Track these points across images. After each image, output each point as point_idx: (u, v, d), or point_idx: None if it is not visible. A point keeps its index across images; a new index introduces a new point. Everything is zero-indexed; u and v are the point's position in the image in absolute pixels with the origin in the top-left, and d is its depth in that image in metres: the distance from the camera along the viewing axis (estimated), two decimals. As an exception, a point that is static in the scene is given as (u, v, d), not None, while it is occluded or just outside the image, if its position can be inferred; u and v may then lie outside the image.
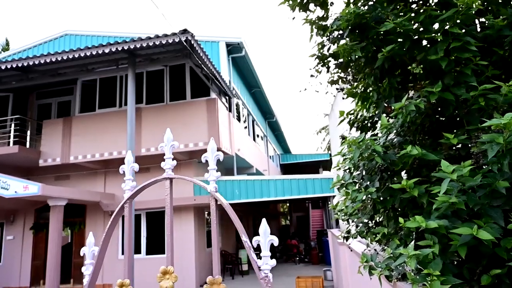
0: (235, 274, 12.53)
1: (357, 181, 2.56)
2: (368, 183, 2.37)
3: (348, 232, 3.65)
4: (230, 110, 12.46)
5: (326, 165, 25.93)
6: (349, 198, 2.55)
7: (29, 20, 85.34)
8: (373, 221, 3.20)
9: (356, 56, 2.43)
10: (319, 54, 2.97)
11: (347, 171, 2.72)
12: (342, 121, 3.23)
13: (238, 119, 13.81)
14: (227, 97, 12.46)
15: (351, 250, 4.02)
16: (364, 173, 2.50)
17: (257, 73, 15.57)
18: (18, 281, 12.19)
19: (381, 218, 2.74)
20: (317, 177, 11.36)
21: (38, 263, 12.31)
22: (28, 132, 11.93)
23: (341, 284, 7.97)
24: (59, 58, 8.89)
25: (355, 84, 3.35)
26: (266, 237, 1.28)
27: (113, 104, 11.94)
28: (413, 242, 1.82)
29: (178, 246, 11.20)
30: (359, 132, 3.31)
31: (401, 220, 2.05)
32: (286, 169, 26.65)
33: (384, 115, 2.37)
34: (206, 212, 12.73)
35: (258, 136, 18.11)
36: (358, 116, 3.13)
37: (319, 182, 11.12)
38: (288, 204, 27.64)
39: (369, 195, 2.27)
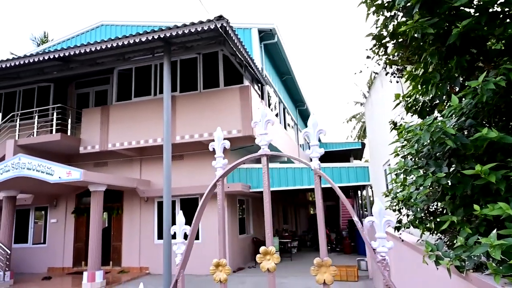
0: (267, 261, 12.61)
1: (421, 166, 2.42)
2: (435, 168, 2.23)
3: (399, 222, 3.51)
4: (262, 98, 12.38)
5: (357, 153, 25.42)
6: (413, 184, 2.42)
7: (65, 12, 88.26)
8: (429, 210, 3.05)
9: (421, 34, 2.27)
10: (377, 34, 2.82)
11: (409, 156, 2.58)
12: (397, 104, 3.07)
13: (270, 106, 13.70)
14: (259, 85, 12.37)
15: (402, 241, 3.87)
16: (430, 158, 2.36)
17: (289, 60, 15.35)
18: (61, 261, 12.88)
19: (443, 206, 2.60)
20: (351, 165, 11.14)
21: (80, 245, 12.92)
22: (69, 121, 12.40)
23: (378, 275, 7.83)
24: (98, 48, 9.10)
25: (410, 66, 3.17)
26: (381, 217, 1.19)
27: (148, 92, 12.16)
28: (495, 230, 1.69)
29: (212, 233, 11.39)
30: (415, 116, 3.14)
31: (476, 207, 1.92)
32: (320, 158, 26.35)
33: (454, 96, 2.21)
34: (239, 199, 12.83)
35: (289, 125, 17.96)
36: (416, 100, 2.96)
37: (354, 171, 10.90)
38: (317, 193, 27.43)
39: (438, 181, 2.14)
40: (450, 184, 2.20)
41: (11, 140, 11.64)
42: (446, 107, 2.72)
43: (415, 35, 2.22)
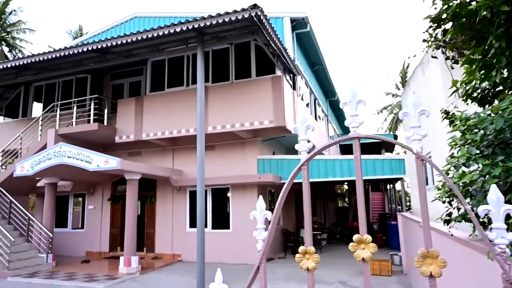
0: (296, 253, 12.59)
1: (487, 155, 2.27)
2: (503, 157, 2.08)
3: (449, 215, 3.35)
4: (294, 88, 12.22)
5: (388, 146, 24.72)
6: (479, 173, 2.27)
7: (98, 5, 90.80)
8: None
9: (490, 14, 2.11)
10: (435, 16, 2.65)
11: (472, 144, 2.43)
12: (454, 91, 2.90)
13: (301, 97, 13.52)
14: (291, 75, 12.21)
15: (452, 235, 3.69)
16: (495, 146, 2.21)
17: (320, 50, 15.04)
18: (99, 246, 13.43)
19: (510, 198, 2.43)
20: (386, 157, 10.84)
21: (115, 231, 13.42)
22: (105, 111, 12.78)
23: (414, 271, 7.61)
24: (134, 39, 9.27)
25: (466, 51, 2.97)
26: (499, 206, 1.09)
27: (181, 83, 12.30)
28: None
29: (242, 223, 11.47)
30: (472, 104, 2.95)
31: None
32: (346, 150, 25.88)
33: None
34: (269, 190, 12.83)
35: (319, 117, 17.69)
36: (475, 86, 2.78)
37: (388, 163, 10.59)
38: (346, 186, 27.00)
39: (508, 171, 2.00)
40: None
41: (52, 130, 12.15)
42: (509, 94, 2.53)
43: (485, 13, 2.05)
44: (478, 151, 2.32)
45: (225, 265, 11.04)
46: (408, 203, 19.11)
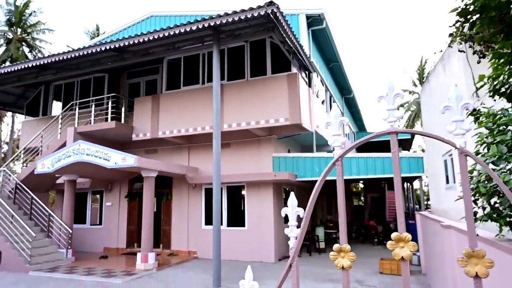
0: (312, 252, 12.52)
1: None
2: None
3: (474, 214, 3.25)
4: (309, 86, 12.12)
5: (405, 144, 24.33)
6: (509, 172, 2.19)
7: (114, 5, 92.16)
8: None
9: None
10: (463, 8, 2.57)
11: (501, 143, 2.35)
12: (482, 86, 2.80)
13: (316, 94, 13.41)
14: (306, 72, 12.11)
15: (477, 235, 3.58)
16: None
17: (336, 47, 14.88)
18: (116, 242, 13.66)
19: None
20: (404, 155, 10.65)
21: (132, 228, 13.62)
22: (122, 109, 12.96)
23: (434, 271, 7.46)
24: (151, 38, 9.35)
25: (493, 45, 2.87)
26: None
27: (196, 81, 12.36)
28: None
29: (257, 221, 11.48)
30: (499, 100, 2.85)
31: None
32: (361, 148, 25.58)
33: None
34: (284, 188, 12.78)
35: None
36: (504, 82, 2.68)
37: (406, 161, 10.40)
38: (362, 184, 26.71)
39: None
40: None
41: (71, 128, 12.41)
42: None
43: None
44: (508, 150, 2.24)
45: (240, 262, 11.07)
46: (426, 202, 18.75)
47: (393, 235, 1.20)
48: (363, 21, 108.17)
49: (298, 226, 1.33)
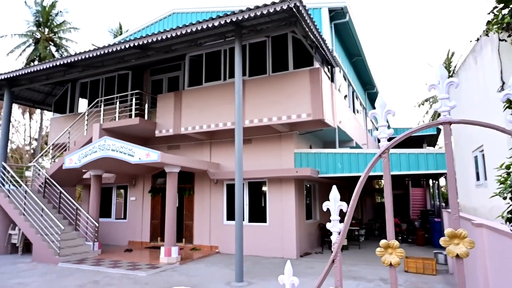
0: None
1: None
2: None
3: (511, 212, 3.10)
4: (332, 80, 11.94)
5: (430, 140, 23.66)
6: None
7: (137, 3, 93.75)
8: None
9: None
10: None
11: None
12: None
13: (339, 89, 13.19)
14: (329, 67, 11.93)
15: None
16: None
17: (359, 40, 14.58)
18: (140, 236, 13.96)
19: None
20: (430, 152, 10.33)
21: (155, 222, 13.87)
22: (146, 106, 13.17)
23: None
24: (173, 34, 9.42)
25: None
26: None
27: (218, 77, 12.40)
28: None
29: (279, 217, 11.45)
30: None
31: None
32: (384, 144, 25.10)
33: None
34: (306, 184, 12.68)
35: (357, 111, 17.21)
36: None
37: (433, 158, 10.09)
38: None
39: None
40: None
41: (97, 124, 12.72)
42: None
43: None
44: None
45: (261, 258, 11.09)
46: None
47: (448, 231, 1.14)
48: (387, 13, 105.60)
49: (341, 221, 1.29)
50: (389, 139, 1.33)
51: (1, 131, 13.54)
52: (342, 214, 1.32)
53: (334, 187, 1.34)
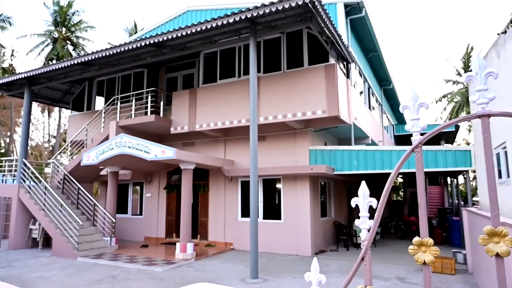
0: (349, 246, 12.28)
1: None
2: None
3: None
4: (347, 77, 11.79)
5: (448, 137, 23.15)
6: None
7: (151, 1, 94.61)
8: None
9: None
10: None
11: None
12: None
13: (354, 85, 13.02)
14: (344, 63, 11.78)
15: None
16: None
17: (376, 36, 14.34)
18: (156, 232, 14.14)
19: None
20: (450, 148, 10.10)
21: (171, 218, 14.02)
22: (161, 103, 13.30)
23: (483, 271, 7.04)
24: (188, 32, 9.45)
25: None
26: None
27: (232, 74, 12.40)
28: None
29: (294, 214, 11.41)
30: None
31: None
32: (400, 141, 24.67)
33: None
34: (321, 182, 12.59)
35: (373, 108, 16.96)
36: None
37: (452, 155, 9.87)
38: (401, 178, 25.79)
39: None
40: None
41: (114, 122, 12.92)
42: None
43: None
44: None
45: (275, 255, 11.08)
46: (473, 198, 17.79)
47: (487, 229, 1.09)
48: (403, 7, 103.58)
49: (371, 217, 1.26)
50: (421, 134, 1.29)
51: (22, 129, 13.90)
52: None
53: (363, 183, 1.30)
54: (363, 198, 1.26)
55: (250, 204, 8.55)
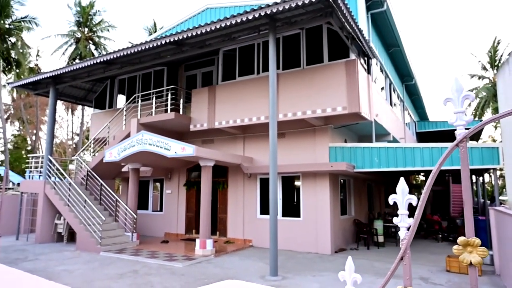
0: (370, 245, 12.08)
1: None
2: None
3: None
4: (368, 72, 11.56)
5: (473, 135, 22.43)
6: None
7: (169, 0, 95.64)
8: None
9: None
10: None
11: None
12: None
13: (375, 81, 12.76)
14: (365, 58, 11.55)
15: None
16: None
17: (397, 30, 14.00)
18: (176, 228, 14.32)
19: None
20: (476, 146, 9.76)
21: (190, 215, 14.17)
22: (181, 101, 13.42)
23: (510, 272, 6.79)
24: (208, 29, 9.47)
25: None
26: None
27: (251, 71, 12.37)
28: None
29: (313, 212, 11.31)
30: None
31: None
32: (422, 137, 24.08)
33: None
34: (341, 179, 12.43)
35: (395, 104, 16.59)
36: None
37: (479, 152, 9.54)
38: (423, 177, 25.19)
39: None
40: None
41: (135, 119, 13.13)
42: None
43: None
44: None
45: (295, 253, 11.02)
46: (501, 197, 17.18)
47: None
48: (426, 0, 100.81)
49: (411, 216, 1.20)
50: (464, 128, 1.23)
51: (47, 126, 14.33)
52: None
53: (402, 179, 1.25)
54: (402, 195, 1.20)
55: (269, 201, 8.52)
